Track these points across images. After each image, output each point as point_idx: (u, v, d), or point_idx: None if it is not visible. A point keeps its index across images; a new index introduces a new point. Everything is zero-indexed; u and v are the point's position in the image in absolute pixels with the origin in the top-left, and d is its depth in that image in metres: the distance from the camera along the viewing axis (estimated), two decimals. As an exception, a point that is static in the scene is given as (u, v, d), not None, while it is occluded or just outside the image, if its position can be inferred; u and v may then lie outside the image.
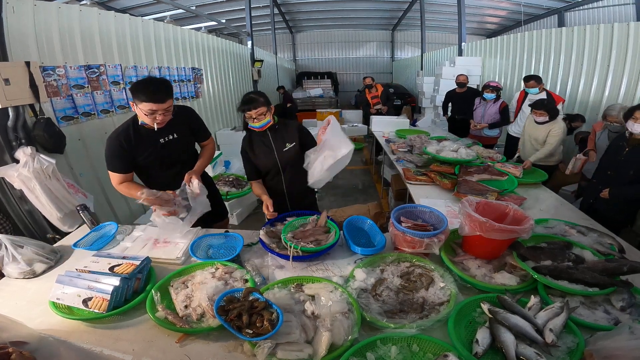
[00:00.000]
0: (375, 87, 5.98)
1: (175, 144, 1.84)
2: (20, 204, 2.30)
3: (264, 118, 1.81)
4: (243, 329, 1.04)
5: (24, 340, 1.04)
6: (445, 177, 2.51)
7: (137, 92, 1.58)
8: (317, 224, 1.70)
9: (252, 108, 1.78)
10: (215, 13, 10.03)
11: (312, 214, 1.80)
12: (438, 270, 1.36)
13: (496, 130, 4.39)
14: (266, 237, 1.61)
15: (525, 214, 1.40)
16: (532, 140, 3.12)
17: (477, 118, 4.39)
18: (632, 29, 3.73)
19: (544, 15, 10.16)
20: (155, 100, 1.58)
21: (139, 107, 1.60)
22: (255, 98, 1.81)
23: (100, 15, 3.06)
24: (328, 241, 1.56)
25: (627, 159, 2.12)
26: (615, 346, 0.90)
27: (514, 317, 1.06)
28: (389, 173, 4.34)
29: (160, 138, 1.78)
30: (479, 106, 4.42)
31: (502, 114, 4.21)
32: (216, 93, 5.68)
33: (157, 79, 1.68)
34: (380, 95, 5.90)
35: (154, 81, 1.64)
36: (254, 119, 1.80)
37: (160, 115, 1.62)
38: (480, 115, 4.36)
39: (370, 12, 12.69)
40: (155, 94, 1.58)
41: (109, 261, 1.40)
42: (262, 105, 1.80)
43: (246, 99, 1.82)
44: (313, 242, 1.55)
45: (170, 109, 1.66)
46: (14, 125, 2.12)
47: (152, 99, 1.57)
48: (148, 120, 1.64)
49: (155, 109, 1.59)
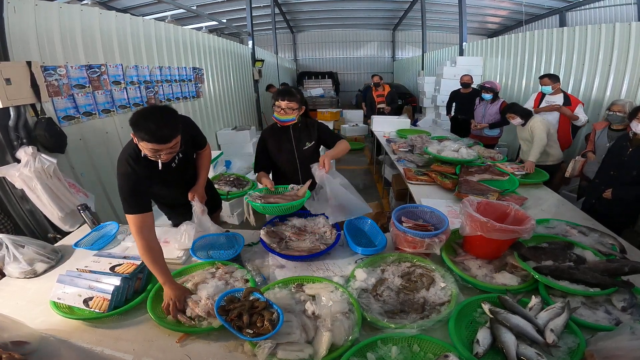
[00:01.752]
0: (382, 86, 6.04)
1: (184, 163, 1.68)
2: (21, 203, 2.30)
3: (292, 113, 1.83)
4: (243, 328, 1.04)
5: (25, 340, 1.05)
6: (446, 177, 2.51)
7: (136, 128, 1.28)
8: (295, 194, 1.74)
9: (285, 99, 1.81)
10: (216, 13, 10.03)
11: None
12: (439, 271, 1.35)
13: (497, 130, 4.38)
14: (267, 237, 1.61)
15: (526, 214, 1.40)
16: (523, 141, 3.21)
17: (478, 118, 4.39)
18: (634, 29, 3.72)
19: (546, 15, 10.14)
20: (158, 141, 1.29)
21: (140, 144, 1.33)
22: (292, 92, 1.85)
23: (101, 15, 3.06)
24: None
25: (630, 159, 2.11)
26: (616, 346, 0.90)
27: (514, 318, 1.06)
28: (389, 173, 4.34)
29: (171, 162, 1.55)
30: (479, 106, 4.42)
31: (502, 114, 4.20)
32: (217, 93, 5.68)
33: (160, 112, 1.34)
34: (386, 96, 5.94)
35: (156, 116, 1.31)
36: (282, 110, 1.82)
37: (165, 154, 1.36)
38: (481, 115, 4.36)
39: (371, 12, 12.68)
40: (157, 133, 1.28)
41: (109, 261, 1.41)
42: (296, 101, 1.84)
43: (283, 90, 1.86)
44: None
45: (177, 146, 1.38)
46: (15, 124, 2.13)
47: (155, 139, 1.28)
48: (152, 158, 1.38)
49: (159, 149, 1.32)
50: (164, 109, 1.35)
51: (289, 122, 1.88)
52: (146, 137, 1.27)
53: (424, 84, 8.06)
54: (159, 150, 1.32)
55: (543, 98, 3.88)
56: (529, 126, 3.02)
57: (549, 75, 3.76)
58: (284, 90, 1.86)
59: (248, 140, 5.36)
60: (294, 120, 1.89)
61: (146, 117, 1.29)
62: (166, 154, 1.36)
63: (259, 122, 7.91)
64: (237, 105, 6.60)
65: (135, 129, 1.29)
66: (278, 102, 1.83)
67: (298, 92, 1.88)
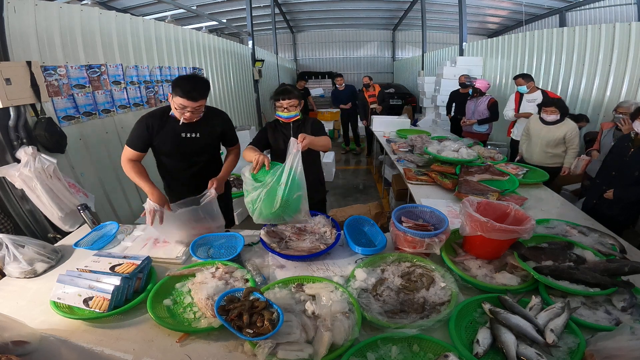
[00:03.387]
0: (372, 86, 6.09)
1: (195, 143, 1.88)
2: (21, 203, 2.30)
3: (294, 109, 1.93)
4: (243, 328, 1.04)
5: (25, 340, 1.05)
6: (446, 177, 2.51)
7: (175, 85, 1.67)
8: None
9: (285, 98, 1.91)
10: (216, 13, 10.04)
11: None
12: (439, 270, 1.35)
13: (485, 126, 4.46)
14: (267, 237, 1.61)
15: (526, 214, 1.40)
16: (543, 142, 3.05)
17: (468, 114, 4.51)
18: (634, 28, 3.72)
19: (546, 15, 10.14)
20: (188, 97, 1.65)
21: (173, 99, 1.69)
22: (290, 90, 1.94)
23: (101, 15, 3.06)
24: None
25: (631, 160, 2.10)
26: (616, 346, 0.90)
27: (514, 318, 1.06)
28: (389, 173, 4.34)
29: (182, 132, 1.83)
30: (469, 101, 4.54)
31: (490, 110, 4.30)
32: (217, 93, 5.68)
33: (198, 78, 1.77)
34: (377, 95, 5.99)
35: (193, 79, 1.73)
36: (285, 108, 1.92)
37: (189, 112, 1.70)
38: (471, 111, 4.47)
39: (371, 12, 12.68)
40: (190, 92, 1.65)
41: (109, 261, 1.41)
42: (295, 97, 1.93)
43: (281, 89, 1.95)
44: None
45: (200, 109, 1.74)
46: (15, 124, 2.13)
47: (186, 96, 1.65)
48: (177, 114, 1.73)
49: (186, 105, 1.67)
50: (201, 78, 1.77)
51: (293, 118, 1.97)
52: (180, 92, 1.64)
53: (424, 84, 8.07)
54: (185, 106, 1.67)
55: (522, 98, 3.95)
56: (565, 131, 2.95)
57: (522, 75, 3.91)
58: (282, 90, 1.94)
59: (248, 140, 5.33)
60: (298, 116, 1.98)
61: (185, 79, 1.71)
62: (190, 112, 1.70)
63: (259, 122, 7.91)
64: (237, 105, 6.60)
65: (173, 87, 1.67)
66: (279, 102, 1.92)
67: (295, 89, 1.98)
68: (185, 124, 1.78)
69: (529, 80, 3.85)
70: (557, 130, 2.98)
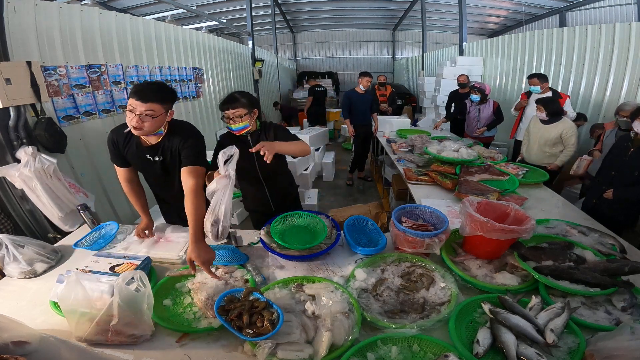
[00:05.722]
0: (386, 86, 6.16)
1: (161, 167, 1.64)
2: (21, 203, 2.30)
3: (240, 121, 1.70)
4: (243, 328, 1.04)
5: (25, 340, 1.04)
6: (446, 177, 2.51)
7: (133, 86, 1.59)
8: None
9: (229, 108, 1.69)
10: (216, 13, 10.03)
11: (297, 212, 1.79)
12: (439, 270, 1.35)
13: (494, 130, 4.43)
14: (267, 237, 1.60)
15: (526, 214, 1.40)
16: (540, 141, 3.07)
17: (473, 122, 4.42)
18: (634, 29, 3.72)
19: (546, 15, 10.13)
20: (136, 97, 1.38)
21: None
22: (236, 98, 1.71)
23: (101, 15, 3.06)
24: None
25: (631, 160, 2.10)
26: (616, 346, 0.90)
27: (514, 318, 1.06)
28: (389, 173, 4.34)
29: (146, 154, 1.61)
30: (471, 109, 4.44)
31: (496, 114, 4.27)
32: (217, 93, 5.68)
33: (160, 82, 1.53)
34: (388, 96, 5.98)
35: (151, 82, 1.62)
36: (230, 119, 1.71)
37: (136, 118, 1.38)
38: (476, 119, 4.38)
39: (371, 12, 12.67)
40: (140, 91, 1.39)
41: (109, 261, 1.41)
42: (242, 107, 1.69)
43: (226, 98, 1.73)
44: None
45: (151, 117, 1.40)
46: (15, 124, 2.13)
47: (135, 95, 1.38)
48: (127, 120, 1.43)
49: (134, 107, 1.38)
50: (162, 83, 1.53)
51: (243, 130, 1.74)
52: (131, 91, 1.42)
53: (424, 84, 8.06)
54: (134, 108, 1.39)
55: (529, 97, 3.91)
56: (561, 129, 2.95)
57: (538, 75, 3.81)
58: (227, 99, 1.72)
59: (248, 140, 5.35)
60: (249, 127, 1.75)
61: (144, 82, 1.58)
62: (138, 115, 1.39)
63: (258, 122, 7.91)
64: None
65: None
66: (225, 113, 1.71)
67: (243, 96, 1.72)
68: (148, 147, 1.58)
69: (544, 80, 3.74)
70: (553, 129, 2.99)
